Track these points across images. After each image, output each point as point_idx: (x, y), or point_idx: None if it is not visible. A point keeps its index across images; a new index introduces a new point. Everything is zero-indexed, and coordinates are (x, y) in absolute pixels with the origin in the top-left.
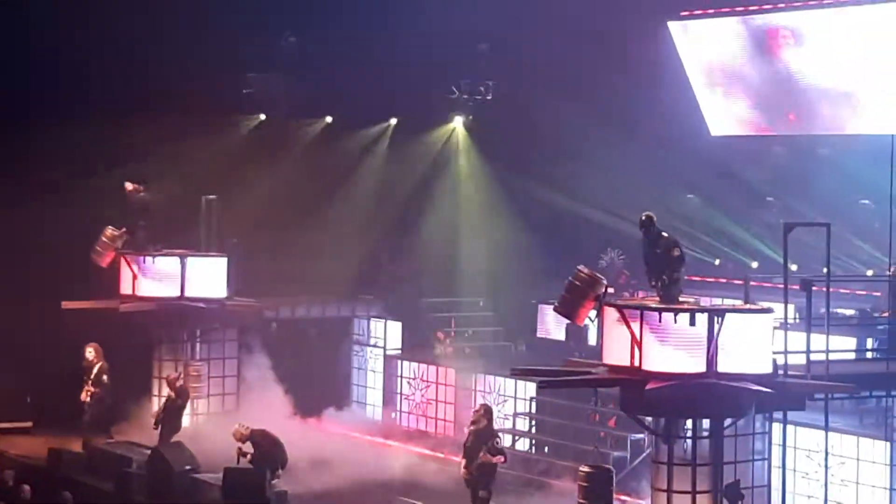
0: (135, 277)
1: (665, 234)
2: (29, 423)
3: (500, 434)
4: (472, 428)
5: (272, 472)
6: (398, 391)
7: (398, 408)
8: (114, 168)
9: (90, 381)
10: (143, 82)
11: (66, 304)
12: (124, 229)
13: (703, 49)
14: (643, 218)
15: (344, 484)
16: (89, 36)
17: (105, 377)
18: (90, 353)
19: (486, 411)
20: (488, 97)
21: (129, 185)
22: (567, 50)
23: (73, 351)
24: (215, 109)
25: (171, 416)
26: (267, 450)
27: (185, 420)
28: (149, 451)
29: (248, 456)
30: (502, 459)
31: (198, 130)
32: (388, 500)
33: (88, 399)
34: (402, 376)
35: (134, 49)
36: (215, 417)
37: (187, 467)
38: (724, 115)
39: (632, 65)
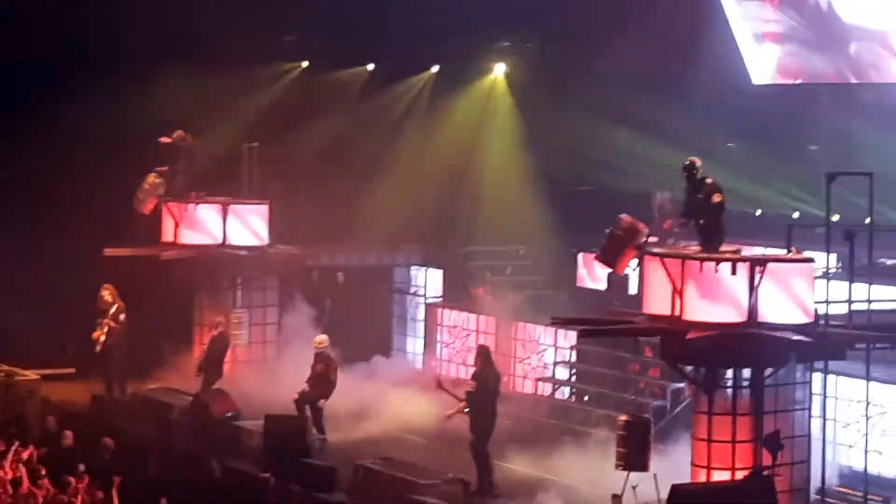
0: (176, 225)
1: (709, 179)
2: (71, 370)
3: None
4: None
5: (320, 399)
6: (439, 339)
7: (439, 356)
8: (155, 118)
9: (109, 320)
10: (184, 30)
11: (107, 252)
12: (164, 170)
13: None
14: (686, 163)
15: (382, 432)
16: None
17: (122, 316)
18: (106, 294)
19: (481, 352)
20: (528, 45)
21: (170, 137)
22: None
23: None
24: (256, 58)
25: (213, 362)
26: (328, 374)
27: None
28: (190, 398)
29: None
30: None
31: (238, 79)
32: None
33: (104, 338)
34: (442, 324)
35: None
36: (256, 365)
37: (228, 414)
38: (767, 63)
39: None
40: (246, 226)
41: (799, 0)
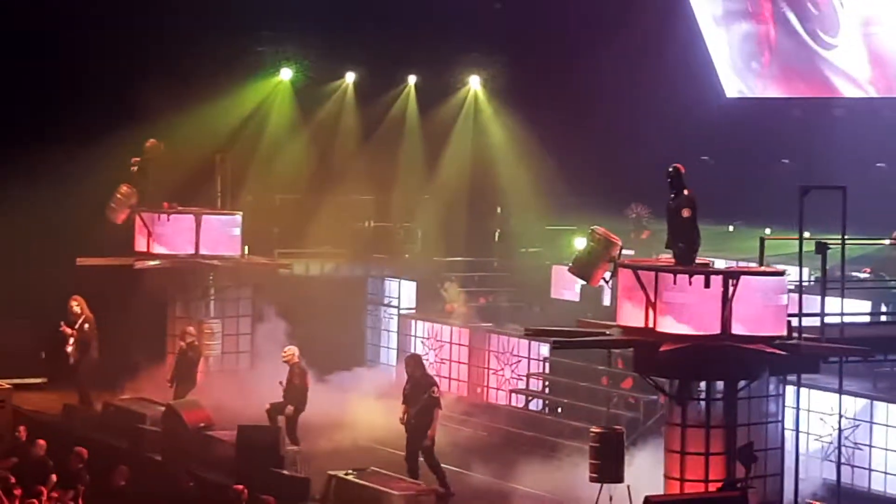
0: (149, 235)
1: (686, 191)
2: (43, 380)
3: (437, 383)
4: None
5: (295, 409)
6: (412, 351)
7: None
8: (129, 126)
9: (74, 331)
10: (158, 40)
11: (80, 261)
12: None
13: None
14: (670, 169)
15: (355, 443)
16: None
17: (87, 326)
18: (76, 305)
19: (410, 362)
20: (503, 56)
21: (139, 157)
22: (580, 9)
23: (88, 307)
24: (231, 67)
25: (184, 372)
26: (300, 386)
27: (199, 377)
28: (163, 408)
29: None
30: (438, 408)
31: (213, 88)
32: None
33: (74, 351)
34: (415, 336)
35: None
36: (229, 375)
37: (201, 424)
38: (739, 76)
39: (645, 23)
40: (219, 236)
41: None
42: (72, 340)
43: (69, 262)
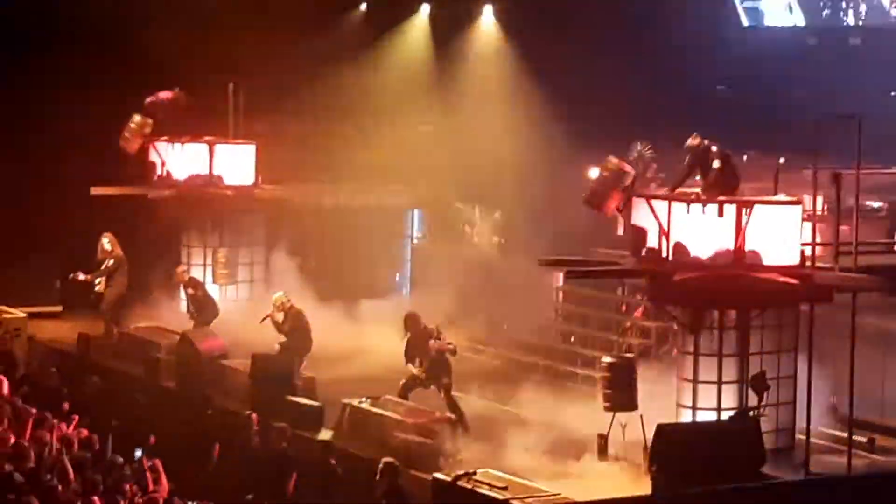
0: (163, 164)
1: (714, 148)
2: (58, 308)
3: (440, 329)
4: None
5: (299, 357)
6: (427, 281)
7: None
8: (140, 55)
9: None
10: None
11: (94, 190)
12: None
13: None
14: (693, 143)
15: (372, 372)
16: None
17: (112, 262)
18: (106, 243)
19: (407, 321)
20: None
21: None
22: None
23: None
24: None
25: (200, 308)
26: (301, 329)
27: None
28: (177, 337)
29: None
30: (451, 346)
31: (224, 18)
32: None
33: (102, 285)
34: (430, 265)
35: None
36: (244, 304)
37: (216, 353)
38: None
39: None
40: (233, 165)
41: None
42: (98, 280)
43: (83, 190)
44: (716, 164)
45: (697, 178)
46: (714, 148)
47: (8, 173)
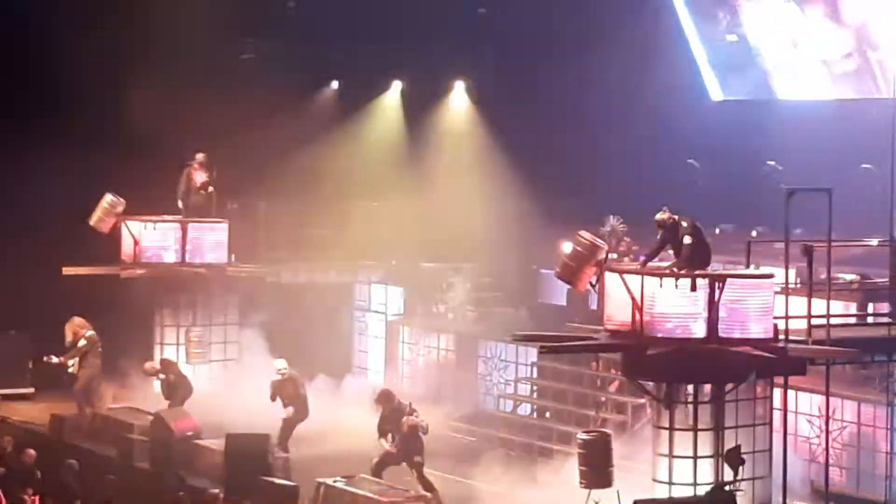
0: (136, 243)
1: (684, 222)
2: (30, 390)
3: (413, 407)
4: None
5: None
6: (400, 357)
7: (400, 373)
8: (114, 138)
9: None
10: (144, 44)
11: (66, 270)
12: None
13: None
14: (663, 218)
15: (345, 449)
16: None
17: (83, 343)
18: (69, 332)
19: (381, 398)
20: (485, 61)
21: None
22: (564, 18)
23: (76, 315)
24: (216, 73)
25: (173, 391)
26: (303, 395)
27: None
28: (151, 417)
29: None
30: (424, 424)
31: (199, 94)
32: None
33: (76, 366)
34: (403, 342)
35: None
36: (217, 383)
37: (189, 432)
38: (724, 80)
39: (629, 30)
40: (205, 244)
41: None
42: (71, 362)
43: (55, 271)
44: (686, 239)
45: (670, 251)
46: (684, 223)
47: None
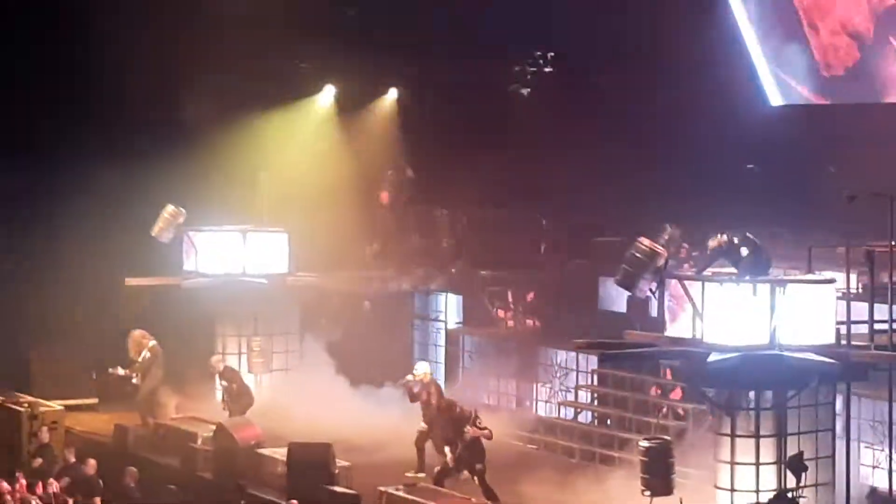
0: (197, 253)
1: (735, 238)
2: (94, 400)
3: (477, 413)
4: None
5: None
6: (461, 365)
7: (460, 381)
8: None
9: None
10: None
11: (129, 281)
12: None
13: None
14: (722, 241)
15: (407, 458)
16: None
17: (148, 355)
18: (132, 347)
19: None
20: (547, 69)
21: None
22: (625, 19)
23: (138, 327)
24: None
25: (236, 400)
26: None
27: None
28: (214, 427)
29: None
30: (487, 431)
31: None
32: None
33: (139, 378)
34: (464, 350)
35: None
36: (279, 392)
37: (252, 442)
38: (783, 84)
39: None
40: (266, 253)
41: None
42: (134, 376)
43: (118, 282)
44: (744, 251)
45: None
46: (735, 239)
47: (43, 265)
